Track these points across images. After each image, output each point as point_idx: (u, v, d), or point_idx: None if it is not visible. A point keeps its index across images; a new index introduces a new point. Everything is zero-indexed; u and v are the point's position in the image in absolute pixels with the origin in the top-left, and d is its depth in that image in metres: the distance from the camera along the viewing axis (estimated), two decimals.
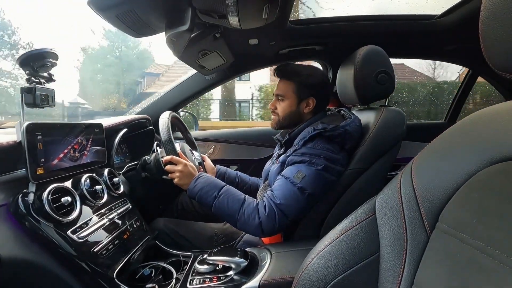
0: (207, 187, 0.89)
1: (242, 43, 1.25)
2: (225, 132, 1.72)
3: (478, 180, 0.34)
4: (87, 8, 0.71)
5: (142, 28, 0.85)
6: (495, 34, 0.33)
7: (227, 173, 1.28)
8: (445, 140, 0.42)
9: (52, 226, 0.64)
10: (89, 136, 0.84)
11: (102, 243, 0.72)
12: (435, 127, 1.84)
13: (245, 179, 1.31)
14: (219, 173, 1.27)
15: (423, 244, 0.38)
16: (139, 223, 0.91)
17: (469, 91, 1.78)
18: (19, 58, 0.70)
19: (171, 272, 0.78)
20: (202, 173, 0.94)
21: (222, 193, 0.88)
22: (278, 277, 0.66)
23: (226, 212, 0.86)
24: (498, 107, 0.37)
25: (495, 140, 0.34)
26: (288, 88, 1.03)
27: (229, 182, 1.19)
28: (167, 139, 0.94)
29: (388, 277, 0.42)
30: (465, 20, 1.23)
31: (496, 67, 0.34)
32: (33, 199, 0.64)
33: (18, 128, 0.64)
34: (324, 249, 0.50)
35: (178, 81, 1.52)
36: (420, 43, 1.47)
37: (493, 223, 0.31)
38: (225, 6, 0.74)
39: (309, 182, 0.86)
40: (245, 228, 0.86)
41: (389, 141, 0.95)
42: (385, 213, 0.45)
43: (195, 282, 0.69)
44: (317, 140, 0.90)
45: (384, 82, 0.99)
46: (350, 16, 1.33)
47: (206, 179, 0.92)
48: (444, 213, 0.37)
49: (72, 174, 0.78)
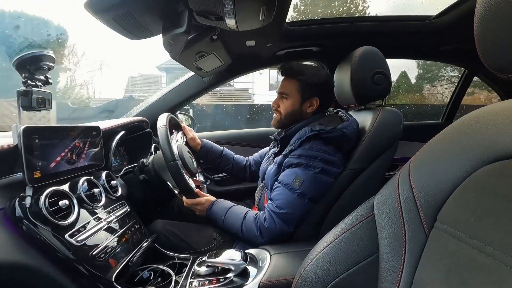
0: (216, 213, 0.99)
1: (239, 45, 1.26)
2: (224, 134, 1.72)
3: (475, 180, 0.34)
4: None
5: (139, 30, 0.85)
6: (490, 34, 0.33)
7: (211, 151, 1.32)
8: (442, 140, 0.42)
9: (50, 229, 0.63)
10: (86, 139, 0.84)
11: (100, 246, 0.72)
12: (432, 127, 1.85)
13: (229, 159, 1.35)
14: (204, 149, 1.30)
15: (422, 243, 0.39)
16: (137, 225, 0.90)
17: (465, 91, 1.80)
18: (15, 61, 0.69)
19: (170, 275, 0.78)
20: (213, 203, 1.02)
21: (227, 215, 0.96)
22: (278, 278, 0.66)
23: (232, 230, 0.95)
24: (494, 106, 0.37)
25: (491, 140, 0.34)
26: (292, 87, 1.03)
27: (212, 160, 1.32)
28: (182, 184, 0.98)
29: (387, 276, 0.42)
30: (461, 20, 1.24)
31: (491, 67, 0.34)
32: (30, 202, 0.63)
33: (15, 131, 0.64)
34: (323, 250, 0.50)
35: (175, 83, 1.52)
36: (416, 44, 1.48)
37: (490, 222, 0.31)
38: (222, 8, 0.74)
39: (308, 187, 0.87)
40: (250, 242, 0.90)
41: (387, 141, 0.95)
42: (383, 213, 0.45)
43: (194, 284, 0.69)
44: (313, 141, 0.90)
45: (381, 82, 0.99)
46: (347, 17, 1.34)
47: (216, 206, 1.01)
48: (442, 213, 0.37)
49: (69, 177, 0.77)
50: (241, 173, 1.36)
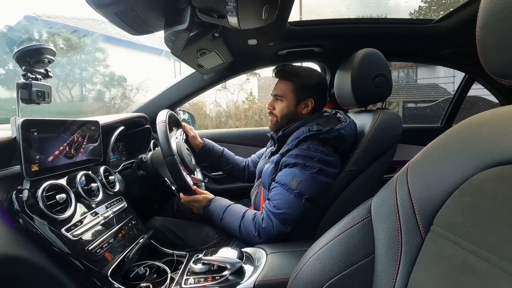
0: (214, 212, 0.98)
1: (241, 43, 1.25)
2: (222, 132, 1.72)
3: (472, 184, 0.34)
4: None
5: (141, 26, 0.85)
6: (492, 40, 0.33)
7: (212, 151, 1.32)
8: (441, 143, 0.42)
9: (46, 223, 0.63)
10: (85, 133, 0.83)
11: (97, 241, 0.72)
12: (431, 131, 1.86)
13: (229, 159, 1.35)
14: (205, 148, 1.30)
15: (418, 246, 0.39)
16: (134, 221, 0.90)
17: (465, 95, 1.80)
18: (15, 54, 0.69)
19: (166, 271, 0.78)
20: (211, 201, 1.02)
21: (225, 214, 0.96)
22: (273, 277, 0.66)
23: (230, 230, 0.94)
24: (493, 112, 0.37)
25: (489, 145, 0.34)
26: (286, 89, 1.03)
27: (214, 159, 1.32)
28: (180, 179, 0.98)
29: (382, 278, 0.42)
30: (462, 25, 1.24)
31: (492, 72, 0.35)
32: (27, 196, 0.63)
33: (13, 124, 0.64)
34: (320, 250, 0.50)
35: (176, 80, 1.51)
36: (417, 47, 1.49)
37: (486, 226, 0.31)
38: (224, 5, 0.74)
39: (306, 187, 0.87)
40: (247, 242, 0.90)
41: (386, 143, 0.95)
42: (380, 215, 0.45)
43: (190, 281, 0.69)
44: (311, 141, 0.90)
45: (381, 85, 0.99)
46: (349, 19, 1.33)
47: (214, 204, 1.00)
48: (438, 216, 0.37)
49: (67, 171, 0.77)
50: (240, 174, 1.37)
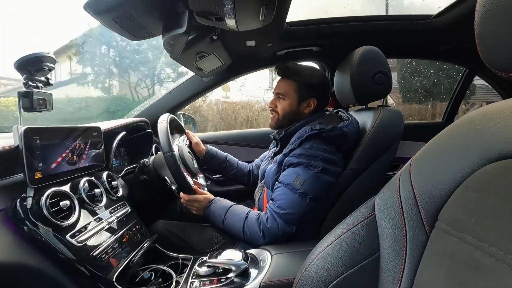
0: (215, 212, 0.97)
1: (239, 45, 1.26)
2: (224, 134, 1.72)
3: (476, 179, 0.34)
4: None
5: (139, 31, 0.85)
6: (491, 33, 0.33)
7: (215, 157, 1.31)
8: (442, 139, 0.42)
9: (51, 230, 0.64)
10: (87, 140, 0.84)
11: (101, 246, 0.72)
12: (432, 127, 1.85)
13: (233, 165, 1.34)
14: (208, 155, 1.30)
15: (423, 243, 0.38)
16: (138, 226, 0.90)
17: (466, 90, 1.80)
18: (16, 62, 0.69)
19: (171, 275, 0.78)
20: (211, 201, 1.00)
21: (228, 215, 0.94)
22: (279, 278, 0.66)
23: (232, 231, 0.93)
24: (495, 106, 0.37)
25: (492, 139, 0.34)
26: (289, 87, 1.03)
27: (217, 165, 1.31)
28: (179, 176, 0.96)
29: (388, 276, 0.42)
30: (461, 19, 1.24)
31: (492, 66, 0.34)
32: (31, 203, 0.63)
33: (16, 132, 0.64)
34: (324, 249, 0.50)
35: (176, 84, 1.52)
36: (416, 43, 1.48)
37: (491, 221, 0.31)
38: (221, 8, 0.74)
39: (309, 186, 0.86)
40: (251, 243, 0.89)
41: (387, 141, 0.95)
42: (384, 213, 0.45)
43: (195, 284, 0.69)
44: (314, 140, 0.90)
45: (381, 82, 0.99)
46: (347, 17, 1.33)
47: (215, 205, 0.99)
48: (443, 212, 0.37)
49: (70, 178, 0.77)
50: (245, 179, 1.36)
